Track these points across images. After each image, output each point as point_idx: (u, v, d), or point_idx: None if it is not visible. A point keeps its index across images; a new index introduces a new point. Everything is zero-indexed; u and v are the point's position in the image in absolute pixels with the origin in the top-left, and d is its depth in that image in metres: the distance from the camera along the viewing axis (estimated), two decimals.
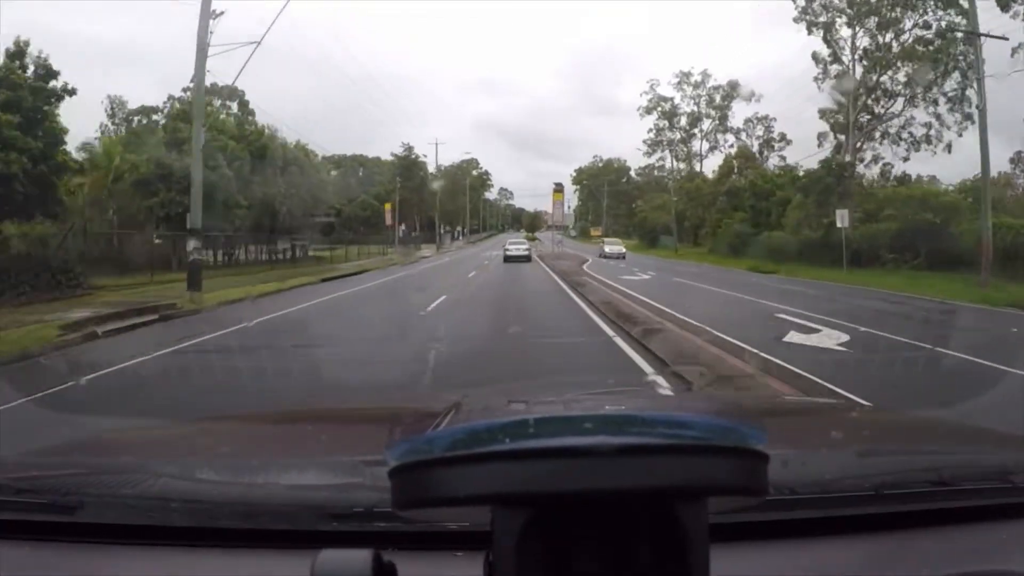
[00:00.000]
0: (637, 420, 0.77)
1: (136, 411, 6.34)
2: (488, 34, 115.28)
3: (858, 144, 40.03)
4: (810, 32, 40.26)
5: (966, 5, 25.89)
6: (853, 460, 1.42)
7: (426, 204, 73.53)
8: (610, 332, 11.65)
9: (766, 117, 57.36)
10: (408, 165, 71.88)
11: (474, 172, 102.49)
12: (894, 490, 1.23)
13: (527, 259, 34.00)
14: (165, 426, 2.26)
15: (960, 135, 37.26)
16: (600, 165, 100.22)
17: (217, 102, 42.52)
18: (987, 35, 24.07)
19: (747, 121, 58.61)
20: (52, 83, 22.14)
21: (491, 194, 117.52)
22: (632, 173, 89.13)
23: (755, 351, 9.32)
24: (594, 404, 1.88)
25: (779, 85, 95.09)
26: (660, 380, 7.53)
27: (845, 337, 11.22)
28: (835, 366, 8.81)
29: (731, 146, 60.44)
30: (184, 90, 34.25)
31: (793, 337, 11.25)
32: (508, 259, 33.12)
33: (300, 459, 1.55)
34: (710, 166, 63.12)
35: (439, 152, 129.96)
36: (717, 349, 9.57)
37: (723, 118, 61.03)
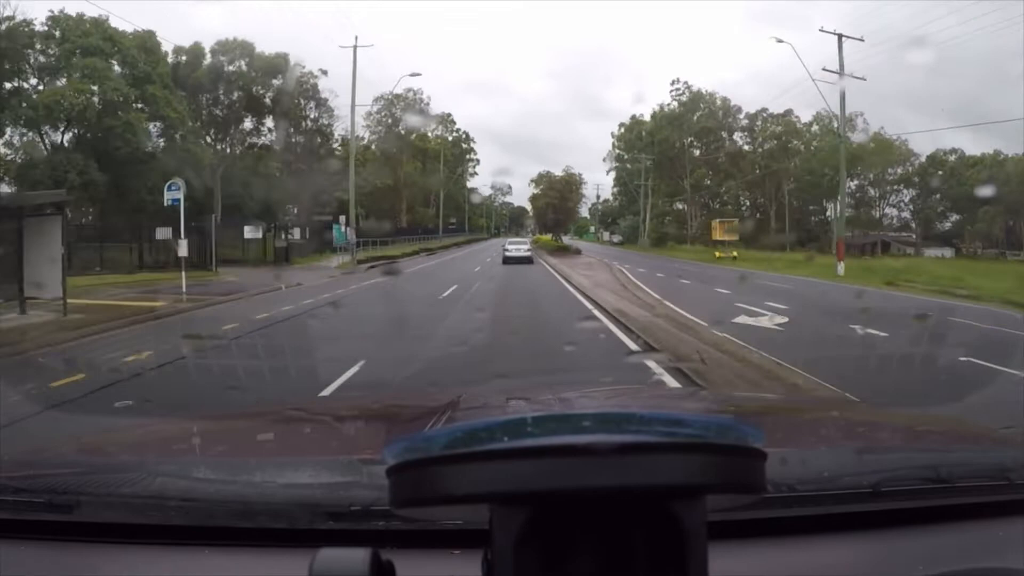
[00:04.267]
0: (635, 418, 0.77)
1: None
2: (478, 35, 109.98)
3: None
4: None
5: None
6: (851, 458, 1.42)
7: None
8: None
9: None
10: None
11: (448, 135, 60.81)
12: (892, 487, 1.24)
13: (528, 260, 33.62)
14: (162, 424, 2.25)
15: None
16: (687, 99, 53.23)
17: None
18: None
19: None
20: None
21: (481, 185, 77.74)
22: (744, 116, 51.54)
23: None
24: (592, 402, 1.89)
25: (774, 88, 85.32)
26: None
27: None
28: None
29: None
30: None
31: None
32: (507, 260, 32.97)
33: (298, 458, 1.55)
34: None
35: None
36: None
37: None
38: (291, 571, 0.92)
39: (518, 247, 35.65)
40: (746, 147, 54.19)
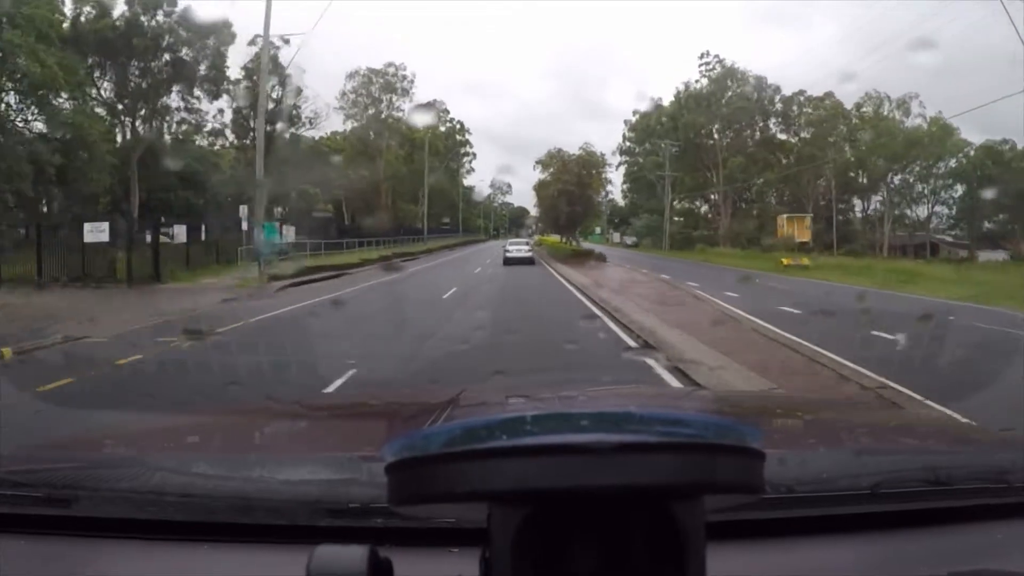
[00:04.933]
0: (634, 418, 0.77)
1: None
2: (475, 36, 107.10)
3: None
4: None
5: None
6: (850, 459, 1.42)
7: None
8: None
9: None
10: None
11: (441, 126, 50.88)
12: (890, 489, 1.24)
13: (530, 261, 33.12)
14: (162, 420, 2.26)
15: None
16: (718, 75, 45.47)
17: None
18: None
19: None
20: None
21: (479, 182, 70.01)
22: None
23: None
24: (591, 401, 1.89)
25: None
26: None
27: None
28: None
29: None
30: None
31: None
32: (508, 261, 32.80)
33: (297, 454, 1.55)
34: None
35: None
36: None
37: None
38: (289, 567, 0.93)
39: (519, 248, 35.67)
40: (780, 135, 47.43)
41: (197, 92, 32.76)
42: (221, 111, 34.98)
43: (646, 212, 52.45)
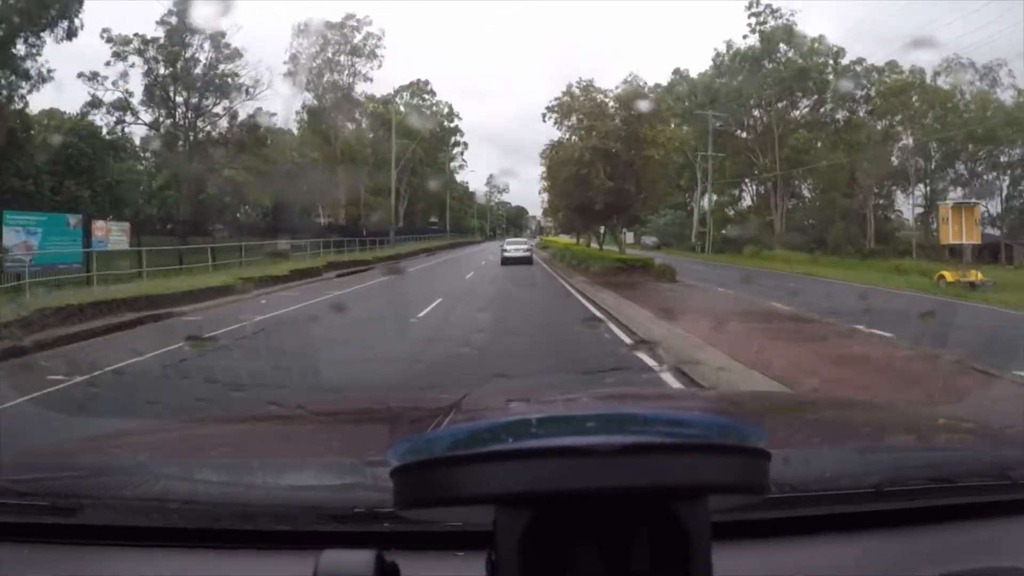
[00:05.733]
0: (638, 419, 0.77)
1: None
2: (473, 37, 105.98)
3: None
4: None
5: None
6: (854, 457, 1.42)
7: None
8: None
9: None
10: None
11: (426, 110, 42.02)
12: (894, 487, 1.24)
13: (528, 261, 32.87)
14: (165, 427, 2.26)
15: None
16: (771, 31, 36.65)
17: None
18: None
19: None
20: None
21: (471, 177, 64.54)
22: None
23: None
24: (595, 403, 1.89)
25: None
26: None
27: None
28: None
29: None
30: None
31: None
32: (506, 261, 32.70)
33: (301, 460, 1.55)
34: None
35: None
36: None
37: None
38: (295, 573, 0.93)
39: (516, 248, 35.71)
40: (839, 111, 39.18)
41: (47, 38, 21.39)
42: (125, 75, 25.62)
43: (668, 208, 42.84)
